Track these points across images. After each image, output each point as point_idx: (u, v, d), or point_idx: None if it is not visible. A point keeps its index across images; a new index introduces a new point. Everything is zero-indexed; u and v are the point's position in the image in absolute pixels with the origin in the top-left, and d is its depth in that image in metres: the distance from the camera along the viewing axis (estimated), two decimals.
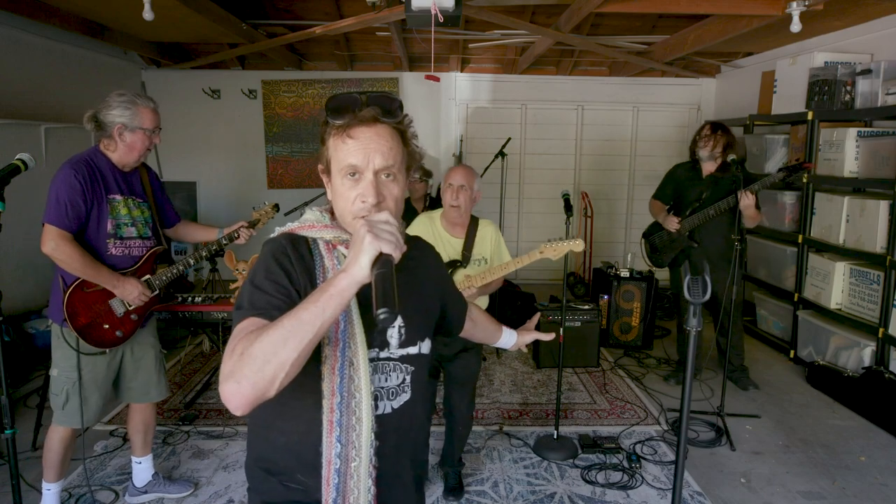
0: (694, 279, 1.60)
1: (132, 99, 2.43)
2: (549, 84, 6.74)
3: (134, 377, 2.67)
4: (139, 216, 2.54)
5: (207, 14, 4.15)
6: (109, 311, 2.46)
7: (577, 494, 2.92)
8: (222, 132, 6.59)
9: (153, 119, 2.50)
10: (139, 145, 2.47)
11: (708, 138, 3.88)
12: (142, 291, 2.49)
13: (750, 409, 3.86)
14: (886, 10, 4.11)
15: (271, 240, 1.26)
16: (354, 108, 1.21)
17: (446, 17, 3.25)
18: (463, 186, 2.65)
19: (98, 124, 2.42)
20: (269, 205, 3.01)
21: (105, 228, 2.41)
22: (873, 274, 3.97)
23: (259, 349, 0.98)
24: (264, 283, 1.15)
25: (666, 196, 4.18)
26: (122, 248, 2.47)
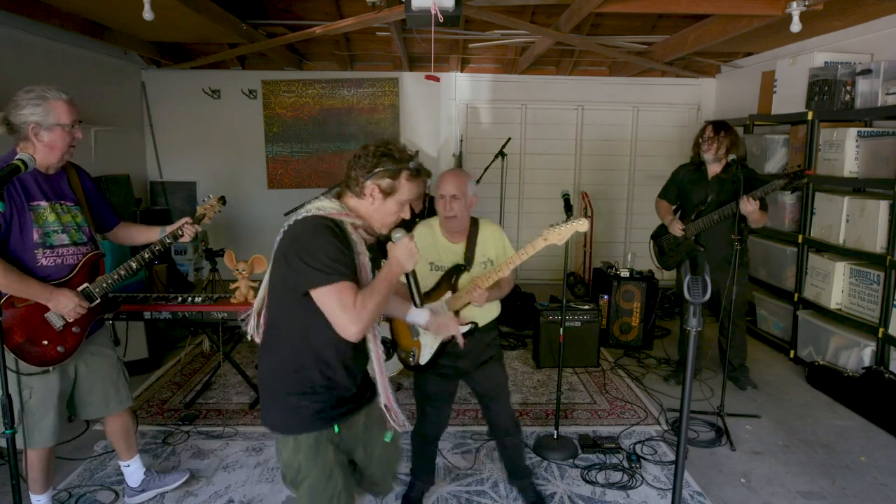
0: (694, 279, 1.60)
1: (41, 94, 2.21)
2: (549, 84, 6.74)
3: (91, 391, 2.53)
4: (70, 221, 2.35)
5: (207, 14, 4.15)
6: (46, 325, 2.29)
7: (577, 494, 2.92)
8: (222, 132, 6.59)
9: (69, 112, 2.26)
10: (59, 143, 2.25)
11: (711, 140, 3.80)
12: (78, 304, 2.30)
13: (750, 409, 3.86)
14: (886, 10, 4.10)
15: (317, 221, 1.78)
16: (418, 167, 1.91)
17: (446, 17, 3.25)
18: (455, 196, 2.51)
19: (10, 127, 2.22)
20: (214, 198, 2.83)
21: (31, 238, 2.23)
22: (873, 274, 3.97)
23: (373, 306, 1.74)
24: (340, 257, 1.74)
25: (671, 196, 4.14)
26: (53, 257, 2.29)
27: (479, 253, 2.62)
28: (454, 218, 2.54)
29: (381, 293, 1.78)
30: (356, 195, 1.88)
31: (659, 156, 6.87)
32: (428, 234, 2.64)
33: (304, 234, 1.77)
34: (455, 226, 2.58)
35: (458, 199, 2.52)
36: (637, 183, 6.93)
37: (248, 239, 6.58)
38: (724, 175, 3.84)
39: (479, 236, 2.63)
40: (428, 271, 2.62)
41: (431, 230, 2.66)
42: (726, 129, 3.82)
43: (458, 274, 2.56)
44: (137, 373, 4.23)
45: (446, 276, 2.57)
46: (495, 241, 2.68)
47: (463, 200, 2.53)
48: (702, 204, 3.89)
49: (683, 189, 4.04)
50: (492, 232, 2.69)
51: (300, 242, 1.75)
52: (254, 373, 4.36)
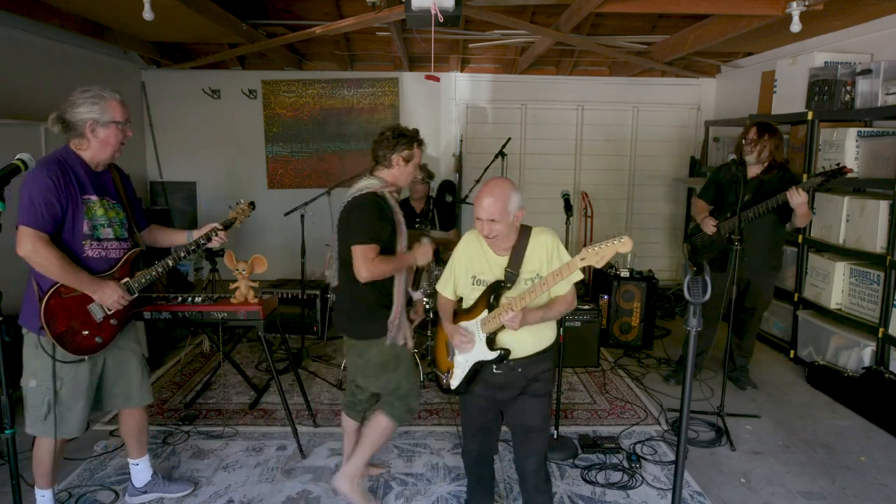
0: (694, 279, 1.60)
1: (98, 93, 2.35)
2: (549, 84, 6.74)
3: (116, 383, 2.60)
4: (115, 217, 2.46)
5: (207, 14, 4.15)
6: (88, 316, 2.39)
7: (577, 494, 2.92)
8: (222, 132, 6.59)
9: (123, 111, 2.41)
10: (113, 140, 2.38)
11: (754, 143, 3.69)
12: (121, 296, 2.42)
13: (750, 409, 3.86)
14: (886, 10, 4.10)
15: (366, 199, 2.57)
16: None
17: (446, 17, 3.25)
18: (494, 221, 2.21)
19: (66, 125, 2.33)
20: (244, 203, 2.92)
21: (81, 230, 2.33)
22: (873, 274, 3.97)
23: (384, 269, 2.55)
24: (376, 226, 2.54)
25: (709, 196, 4.05)
26: (98, 249, 2.39)
27: (525, 268, 2.29)
28: (495, 239, 2.29)
29: (393, 264, 2.60)
30: (386, 167, 2.70)
31: (659, 156, 6.87)
32: (476, 242, 2.40)
33: (356, 208, 2.58)
34: (496, 247, 2.33)
35: (497, 222, 2.22)
36: (637, 183, 6.93)
37: (248, 239, 6.58)
38: (764, 177, 3.74)
39: (529, 247, 2.30)
40: (471, 285, 2.39)
41: (478, 240, 2.39)
42: (771, 132, 3.69)
43: (496, 292, 2.28)
44: None
45: (485, 293, 2.32)
46: (548, 253, 2.31)
47: (504, 222, 2.22)
48: (736, 204, 3.75)
49: (722, 188, 3.95)
50: (544, 241, 2.32)
51: (354, 213, 2.57)
52: (254, 373, 4.37)
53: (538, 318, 2.26)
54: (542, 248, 2.30)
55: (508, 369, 2.33)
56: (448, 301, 2.50)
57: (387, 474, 3.07)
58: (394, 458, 3.22)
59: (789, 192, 3.44)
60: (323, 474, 3.06)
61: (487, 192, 2.23)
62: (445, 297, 2.50)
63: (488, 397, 2.42)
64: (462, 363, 2.43)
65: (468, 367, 2.40)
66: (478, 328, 2.35)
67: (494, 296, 2.28)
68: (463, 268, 2.42)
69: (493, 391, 2.39)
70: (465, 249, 2.44)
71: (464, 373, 2.42)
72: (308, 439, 3.39)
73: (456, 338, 2.39)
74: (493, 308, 2.28)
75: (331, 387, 4.15)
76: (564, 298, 2.33)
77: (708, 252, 4.03)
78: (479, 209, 2.24)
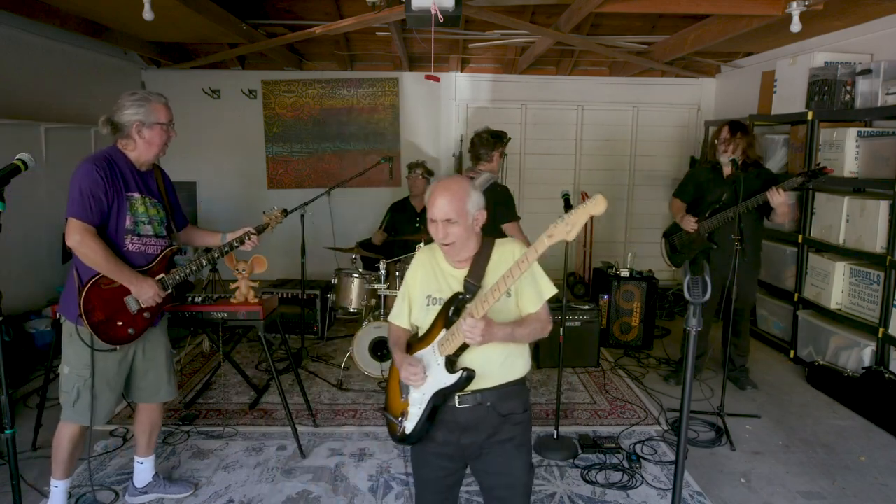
0: (694, 279, 1.60)
1: (145, 96, 2.47)
2: (549, 84, 6.74)
3: (144, 377, 2.68)
4: (155, 215, 2.57)
5: (207, 14, 4.15)
6: (124, 308, 2.48)
7: (577, 494, 2.92)
8: (222, 132, 6.59)
9: (167, 113, 2.53)
10: (157, 140, 2.50)
11: (727, 142, 3.76)
12: (157, 292, 2.51)
13: (750, 409, 3.86)
14: (886, 10, 4.10)
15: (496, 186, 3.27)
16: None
17: (446, 17, 3.25)
18: (450, 221, 1.90)
19: (114, 127, 2.45)
20: (277, 210, 3.02)
21: (124, 224, 2.44)
22: (873, 274, 3.97)
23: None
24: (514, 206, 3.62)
25: (687, 195, 4.09)
26: (139, 244, 2.50)
27: (489, 279, 1.94)
28: (452, 246, 1.95)
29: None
30: (487, 161, 3.64)
31: (659, 156, 6.87)
32: (428, 260, 2.10)
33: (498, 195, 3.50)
34: (454, 254, 1.99)
35: (454, 223, 1.91)
36: (637, 183, 6.93)
37: None
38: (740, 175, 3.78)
39: (492, 258, 1.98)
40: (425, 307, 2.03)
41: (433, 254, 2.10)
42: (743, 131, 3.77)
43: (454, 304, 1.93)
44: None
45: (442, 309, 1.97)
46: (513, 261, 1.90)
47: (462, 223, 1.91)
48: (716, 202, 3.85)
49: (700, 188, 4.00)
50: (510, 251, 1.99)
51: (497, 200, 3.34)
52: (254, 373, 4.36)
53: (506, 334, 1.90)
54: (509, 256, 1.96)
55: (475, 402, 1.94)
56: (402, 331, 2.13)
57: (387, 474, 3.07)
58: (394, 458, 3.22)
59: (769, 192, 3.49)
60: (323, 474, 3.06)
61: (442, 189, 1.93)
62: (398, 327, 2.14)
63: (451, 443, 1.99)
64: (418, 400, 1.99)
65: (425, 403, 1.97)
66: (435, 352, 1.96)
67: (454, 310, 1.92)
68: (418, 289, 2.07)
69: (458, 434, 1.97)
70: (418, 267, 2.11)
71: (420, 411, 1.98)
72: (308, 439, 3.39)
73: (405, 369, 1.95)
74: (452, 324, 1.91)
75: (331, 387, 4.15)
76: (537, 316, 1.97)
77: (687, 251, 4.06)
78: (432, 209, 1.92)
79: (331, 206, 5.00)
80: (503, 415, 1.97)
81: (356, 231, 5.91)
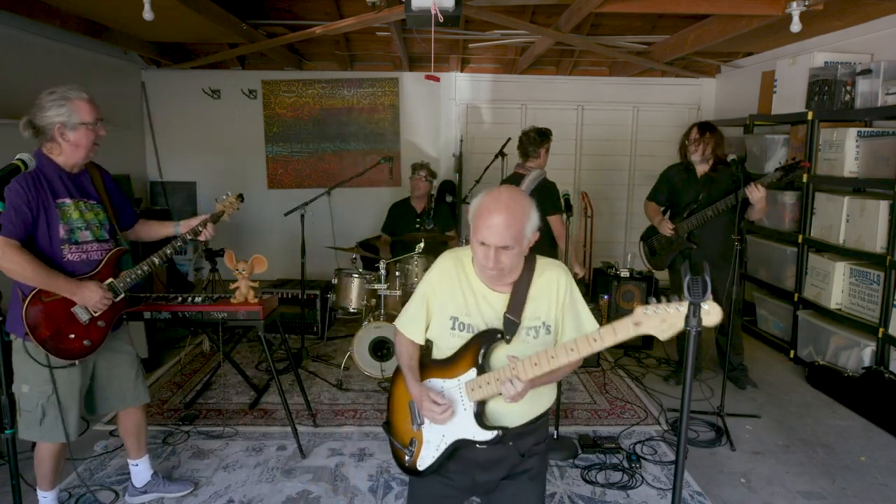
0: (694, 279, 1.59)
1: (64, 95, 2.28)
2: (549, 84, 6.74)
3: (108, 385, 2.58)
4: (93, 219, 2.42)
5: (207, 14, 4.15)
6: (73, 319, 2.35)
7: (577, 494, 2.92)
8: (222, 132, 6.59)
9: (92, 111, 2.33)
10: (84, 141, 2.32)
11: (697, 142, 3.84)
12: (103, 295, 2.37)
13: (750, 409, 3.86)
14: (886, 10, 4.10)
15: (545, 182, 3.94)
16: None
17: (446, 17, 3.25)
18: (507, 249, 1.63)
19: (36, 130, 2.29)
20: (232, 195, 2.82)
21: (57, 234, 2.30)
22: (873, 274, 3.97)
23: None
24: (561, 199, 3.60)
25: (661, 198, 4.15)
26: (78, 252, 2.36)
27: (528, 312, 1.72)
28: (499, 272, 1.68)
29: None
30: (535, 158, 4.00)
31: (659, 156, 6.84)
32: (457, 269, 1.79)
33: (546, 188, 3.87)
34: (498, 281, 1.74)
35: (510, 250, 1.63)
36: (637, 183, 6.92)
37: (248, 239, 6.57)
38: (713, 174, 3.86)
39: (534, 285, 1.73)
40: (449, 329, 1.77)
41: (461, 266, 1.79)
42: (711, 130, 3.86)
43: (489, 343, 1.70)
44: None
45: (473, 344, 1.72)
46: (558, 294, 1.74)
47: (517, 249, 1.65)
48: (693, 202, 3.90)
49: (674, 190, 4.05)
50: (554, 280, 1.76)
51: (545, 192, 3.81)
52: (254, 373, 4.36)
53: (541, 384, 1.71)
54: (552, 287, 1.75)
55: (497, 441, 1.74)
56: (413, 346, 1.88)
57: (387, 474, 3.07)
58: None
59: (749, 188, 3.51)
60: (323, 474, 3.06)
61: (500, 207, 1.61)
62: (410, 341, 1.87)
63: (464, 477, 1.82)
64: (435, 439, 1.80)
65: (445, 446, 1.78)
66: (462, 394, 1.74)
67: (485, 350, 1.69)
68: (440, 303, 1.80)
69: (474, 472, 1.80)
70: (443, 278, 1.80)
71: (438, 453, 1.80)
72: (308, 439, 3.39)
73: (426, 405, 1.74)
74: (485, 368, 1.70)
75: (331, 387, 4.15)
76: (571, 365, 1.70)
77: (666, 253, 4.08)
78: (486, 231, 1.61)
79: (331, 206, 5.00)
80: (522, 454, 1.81)
81: (356, 231, 5.91)
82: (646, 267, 4.40)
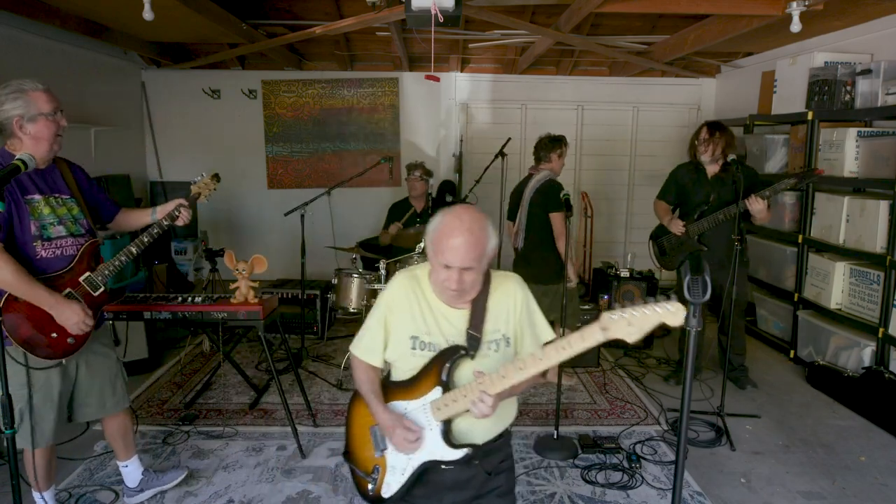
0: (694, 279, 1.59)
1: (19, 87, 2.22)
2: (549, 84, 6.74)
3: (89, 392, 2.51)
4: (66, 214, 2.36)
5: (207, 14, 4.15)
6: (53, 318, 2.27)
7: (577, 494, 2.92)
8: (222, 132, 6.59)
9: (50, 101, 2.27)
10: (45, 132, 2.26)
11: (707, 143, 3.80)
12: (83, 319, 2.28)
13: (750, 409, 3.86)
14: (886, 10, 4.10)
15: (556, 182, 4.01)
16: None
17: (446, 17, 3.25)
18: (469, 270, 1.64)
19: None
20: (207, 176, 2.76)
21: (29, 231, 2.24)
22: (873, 274, 3.97)
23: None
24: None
25: (670, 197, 4.12)
26: (52, 249, 2.30)
27: (489, 326, 1.73)
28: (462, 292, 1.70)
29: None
30: (547, 162, 4.05)
31: (659, 156, 6.87)
32: (414, 288, 1.77)
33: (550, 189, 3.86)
34: (459, 300, 1.74)
35: (471, 270, 1.65)
36: (637, 183, 6.93)
37: (248, 239, 6.58)
38: (723, 174, 3.83)
39: (492, 299, 1.74)
40: (409, 349, 1.75)
41: (416, 284, 1.78)
42: (721, 130, 3.82)
43: (452, 361, 1.68)
44: (137, 373, 4.23)
45: (435, 363, 1.70)
46: (516, 306, 1.76)
47: (479, 269, 1.67)
48: (704, 203, 3.87)
49: (683, 189, 4.03)
50: (511, 290, 1.78)
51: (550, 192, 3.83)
52: (254, 373, 4.36)
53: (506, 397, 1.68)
54: (509, 299, 1.76)
55: (463, 462, 1.72)
56: (372, 371, 1.82)
57: None
58: None
59: (749, 200, 3.50)
60: (323, 474, 3.06)
61: (463, 229, 1.61)
62: (368, 365, 1.82)
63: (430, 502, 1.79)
64: (401, 464, 1.75)
65: (412, 470, 1.73)
66: (427, 414, 1.69)
67: (450, 367, 1.66)
68: (397, 323, 1.77)
69: (441, 495, 1.76)
70: (399, 298, 1.77)
71: (404, 478, 1.75)
72: (308, 439, 3.39)
73: (398, 434, 1.69)
74: (450, 386, 1.67)
75: (331, 387, 4.15)
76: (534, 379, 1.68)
77: (676, 253, 4.06)
78: (449, 253, 1.60)
79: (331, 206, 5.00)
80: (489, 472, 1.78)
81: (356, 231, 5.91)
82: (655, 266, 4.38)
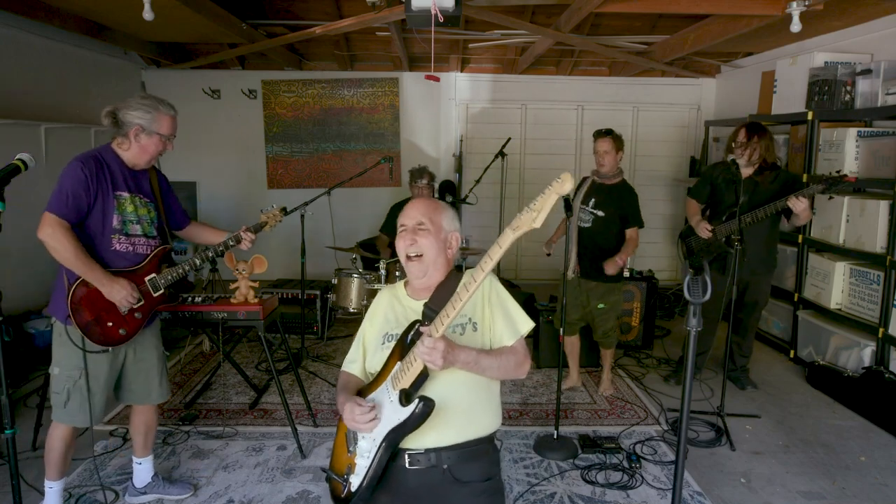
0: (694, 279, 1.59)
1: (154, 104, 2.47)
2: (549, 84, 6.74)
3: (135, 379, 2.66)
4: (145, 215, 2.55)
5: (207, 14, 4.15)
6: (113, 307, 2.45)
7: (577, 494, 2.92)
8: (222, 132, 6.59)
9: (171, 126, 2.52)
10: (152, 149, 2.50)
11: (744, 146, 3.63)
12: (129, 293, 2.44)
13: (750, 409, 3.86)
14: (886, 10, 4.11)
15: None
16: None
17: (446, 17, 3.25)
18: (422, 225, 1.77)
19: (115, 121, 2.44)
20: (276, 208, 2.98)
21: (111, 223, 2.42)
22: (873, 274, 3.97)
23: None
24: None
25: (703, 196, 4.00)
26: (126, 244, 2.48)
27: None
28: (419, 260, 1.77)
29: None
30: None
31: (659, 156, 6.88)
32: (388, 298, 1.92)
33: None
34: (420, 272, 1.79)
35: (425, 228, 1.77)
36: (637, 183, 6.88)
37: None
38: (757, 178, 3.69)
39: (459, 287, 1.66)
40: (380, 346, 1.82)
41: (393, 292, 1.93)
42: (760, 133, 3.63)
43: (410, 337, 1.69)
44: None
45: (398, 342, 1.73)
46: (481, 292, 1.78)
47: (432, 231, 1.77)
48: (734, 206, 3.68)
49: (717, 189, 3.91)
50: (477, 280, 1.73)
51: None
52: (254, 373, 4.36)
53: (469, 358, 1.61)
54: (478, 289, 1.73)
55: (428, 464, 1.66)
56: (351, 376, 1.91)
57: None
58: None
59: (790, 200, 3.40)
60: (323, 474, 3.06)
61: (417, 201, 1.87)
62: (348, 374, 1.92)
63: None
64: (366, 449, 1.69)
65: (376, 450, 1.66)
66: (388, 388, 1.68)
67: (410, 339, 1.67)
68: (376, 330, 1.87)
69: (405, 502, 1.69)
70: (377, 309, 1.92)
71: (369, 461, 1.67)
72: (308, 439, 3.39)
73: (349, 410, 1.65)
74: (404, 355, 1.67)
75: (331, 387, 4.15)
76: (512, 349, 1.71)
77: (705, 254, 4.01)
78: (403, 216, 1.82)
79: (331, 206, 4.99)
80: (461, 481, 1.66)
81: (356, 231, 5.91)
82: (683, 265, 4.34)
